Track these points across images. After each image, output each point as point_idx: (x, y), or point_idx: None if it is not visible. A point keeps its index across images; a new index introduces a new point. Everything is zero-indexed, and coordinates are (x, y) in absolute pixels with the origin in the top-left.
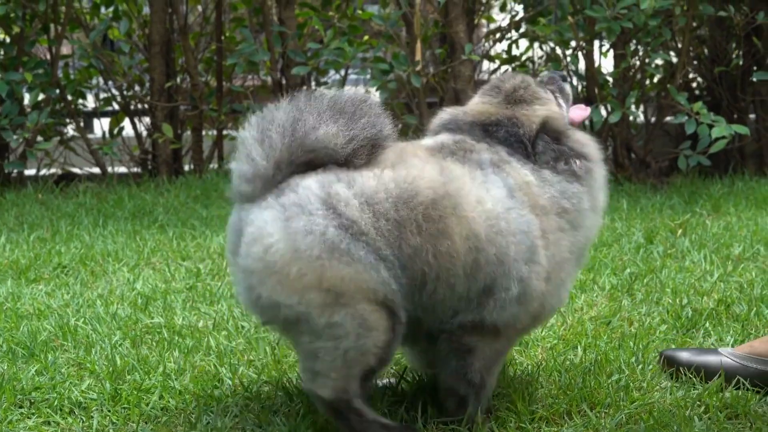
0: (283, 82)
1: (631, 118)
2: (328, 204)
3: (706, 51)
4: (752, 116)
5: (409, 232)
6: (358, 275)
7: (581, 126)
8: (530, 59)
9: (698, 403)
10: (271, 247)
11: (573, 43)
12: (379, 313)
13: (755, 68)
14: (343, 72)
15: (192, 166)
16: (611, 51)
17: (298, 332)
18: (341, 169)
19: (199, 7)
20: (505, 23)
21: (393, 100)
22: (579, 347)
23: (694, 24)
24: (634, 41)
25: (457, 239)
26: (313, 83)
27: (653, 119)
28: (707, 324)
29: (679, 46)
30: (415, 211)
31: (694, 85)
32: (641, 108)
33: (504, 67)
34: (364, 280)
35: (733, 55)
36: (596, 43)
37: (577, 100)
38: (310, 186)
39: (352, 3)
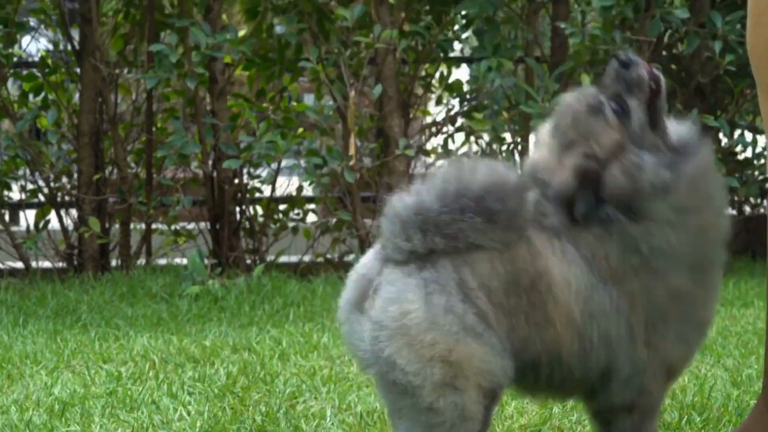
0: (215, 175)
1: None
2: (462, 288)
3: None
4: None
5: (520, 322)
6: (486, 356)
7: None
8: (466, 154)
9: None
10: (409, 312)
11: (509, 139)
12: (480, 405)
13: None
14: (275, 165)
15: (119, 262)
16: None
17: (398, 397)
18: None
19: (132, 97)
20: (441, 117)
21: (326, 195)
22: None
23: None
24: None
25: (559, 327)
26: (245, 176)
27: None
28: None
29: None
30: (522, 299)
31: None
32: None
33: (439, 162)
34: (489, 362)
35: None
36: (531, 138)
37: None
38: (446, 266)
39: (286, 94)
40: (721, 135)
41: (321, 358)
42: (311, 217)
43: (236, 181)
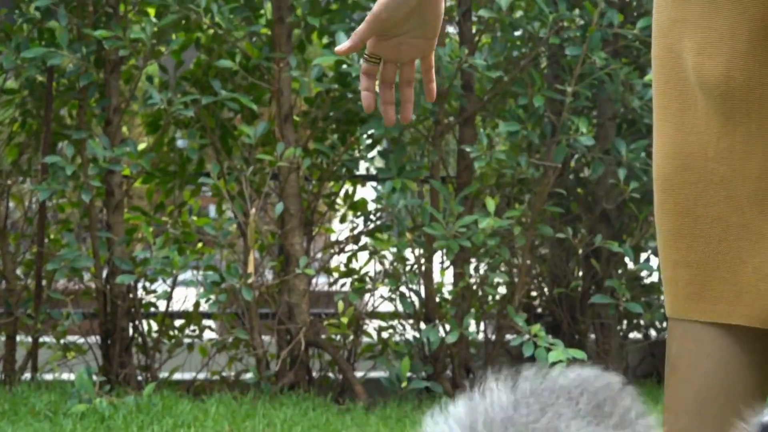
0: (108, 289)
1: (470, 337)
2: None
3: (546, 271)
4: (592, 337)
5: None
6: None
7: None
8: (368, 274)
9: None
10: None
11: (411, 260)
12: None
13: (594, 290)
14: (171, 281)
15: (2, 377)
16: (451, 269)
17: None
18: None
19: (24, 207)
20: (344, 235)
21: (223, 312)
22: None
23: (536, 243)
24: (474, 260)
25: None
26: (140, 291)
27: (493, 338)
28: None
29: (520, 265)
30: None
31: (537, 303)
32: (482, 327)
33: (341, 281)
34: None
35: (573, 277)
36: (436, 258)
37: (414, 318)
38: None
39: (186, 208)
40: (626, 260)
41: None
42: (208, 334)
43: (130, 296)
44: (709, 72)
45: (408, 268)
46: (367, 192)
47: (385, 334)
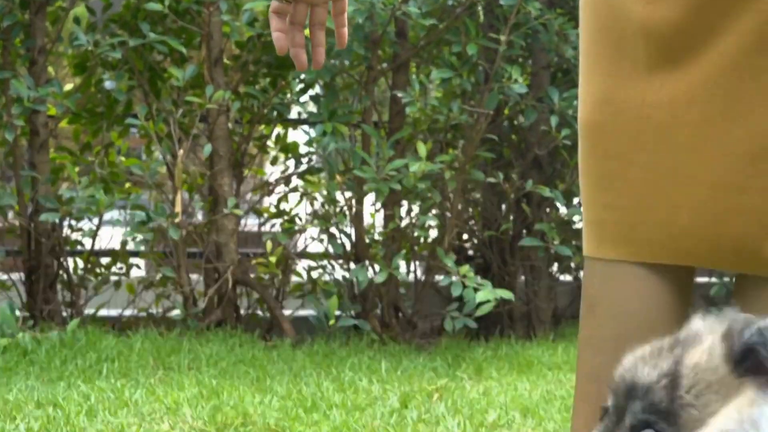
0: (32, 227)
1: (400, 277)
2: None
3: (478, 215)
4: (522, 279)
5: None
6: None
7: None
8: (298, 216)
9: None
10: None
11: (342, 201)
12: None
13: (525, 233)
14: (97, 220)
15: None
16: (381, 211)
17: None
18: None
19: None
20: (275, 178)
21: (150, 251)
22: None
23: (468, 187)
24: (405, 202)
25: None
26: (66, 229)
27: (423, 279)
28: None
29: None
30: None
31: (468, 246)
32: (412, 268)
33: (271, 222)
34: None
35: (504, 221)
36: (366, 200)
37: (344, 258)
38: None
39: (114, 149)
40: (557, 205)
41: (130, 414)
42: (135, 272)
43: (55, 233)
44: (659, 20)
45: (338, 210)
46: (298, 136)
47: (314, 274)
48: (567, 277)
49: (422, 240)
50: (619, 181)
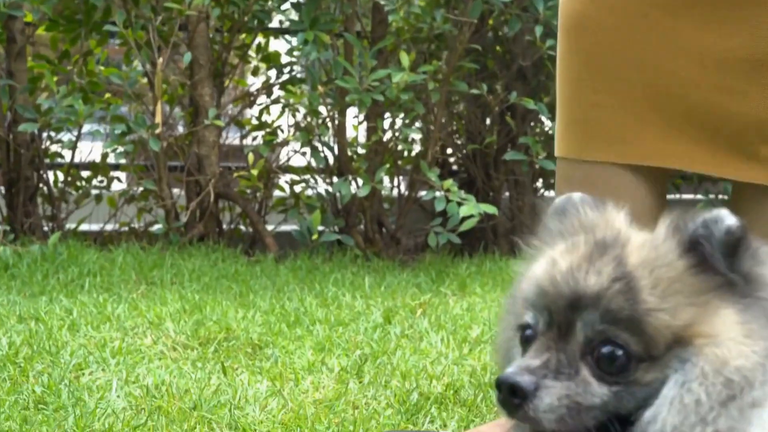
0: (10, 138)
1: (384, 192)
2: None
3: (462, 128)
4: (506, 195)
5: None
6: None
7: None
8: (280, 128)
9: None
10: None
11: (324, 113)
12: None
13: (509, 147)
14: (76, 131)
15: None
16: (364, 123)
17: None
18: None
19: None
20: (255, 88)
21: (132, 163)
22: None
23: (452, 99)
24: (388, 114)
25: None
26: (45, 141)
27: (406, 193)
28: (433, 409)
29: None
30: None
31: (452, 160)
32: (396, 182)
33: (253, 134)
34: None
35: (488, 134)
36: (349, 113)
37: (327, 172)
38: None
39: (93, 58)
40: (542, 118)
41: (113, 329)
42: (116, 186)
43: (34, 145)
44: None
45: (321, 122)
46: (280, 45)
47: (297, 188)
48: (552, 193)
49: (406, 154)
50: (610, 80)
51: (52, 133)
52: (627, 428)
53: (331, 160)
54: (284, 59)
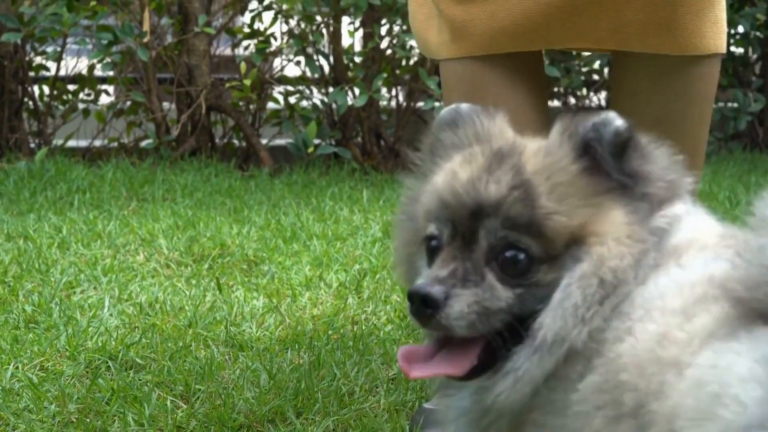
0: None
1: (381, 102)
2: None
3: None
4: None
5: None
6: None
7: None
8: (273, 35)
9: (412, 408)
10: None
11: (319, 19)
12: None
13: None
14: (61, 41)
15: None
16: (360, 29)
17: None
18: None
19: None
20: None
21: (119, 75)
22: (293, 349)
23: None
24: (386, 20)
25: None
26: (29, 52)
27: (404, 104)
28: None
29: None
30: None
31: None
32: (394, 92)
33: (245, 42)
34: None
35: None
36: (344, 20)
37: (322, 81)
38: None
39: None
40: None
41: (104, 246)
42: (104, 99)
43: (18, 56)
44: None
45: (315, 28)
46: None
47: (291, 99)
48: (554, 103)
49: (404, 62)
50: None
51: (36, 44)
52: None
53: (326, 69)
54: None
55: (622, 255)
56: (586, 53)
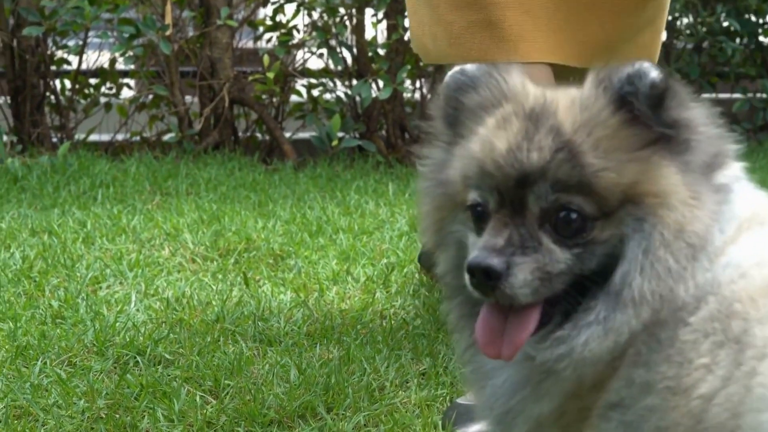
0: (15, 44)
1: (406, 94)
2: None
3: None
4: None
5: None
6: None
7: None
8: (296, 27)
9: (443, 403)
10: None
11: (342, 11)
12: None
13: None
14: (83, 35)
15: None
16: (384, 21)
17: None
18: None
19: None
20: None
21: (141, 69)
22: (322, 344)
23: None
24: None
25: None
26: (50, 46)
27: (429, 96)
28: None
29: None
30: None
31: None
32: (418, 84)
33: (267, 35)
34: None
35: None
36: (367, 12)
37: (346, 74)
38: None
39: None
40: None
41: (129, 241)
42: (126, 93)
43: (39, 50)
44: None
45: (338, 20)
46: None
47: (315, 92)
48: None
49: None
50: None
51: (58, 38)
52: (591, 289)
53: (349, 62)
54: None
55: (698, 218)
56: None
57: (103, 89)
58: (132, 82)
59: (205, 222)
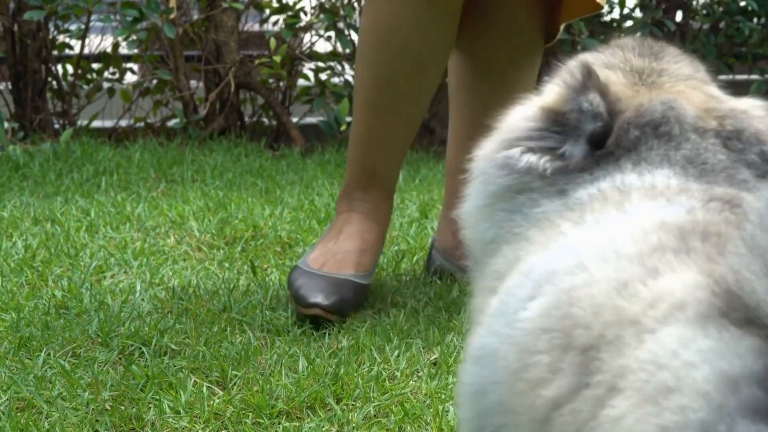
0: (15, 28)
1: None
2: None
3: None
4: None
5: None
6: None
7: None
8: (303, 10)
9: (454, 393)
10: None
11: None
12: None
13: None
14: (85, 19)
15: None
16: None
17: None
18: None
19: None
20: None
21: (145, 53)
22: (331, 334)
23: None
24: None
25: None
26: (52, 31)
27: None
28: None
29: None
30: None
31: None
32: None
33: (274, 17)
34: None
35: None
36: None
37: (354, 57)
38: None
39: None
40: None
41: (134, 229)
42: (129, 78)
43: (41, 34)
44: None
45: (346, 1)
46: None
47: (322, 76)
48: None
49: None
50: None
51: (60, 22)
52: None
53: (357, 44)
54: None
55: None
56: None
57: (106, 74)
58: (135, 67)
59: (211, 209)
